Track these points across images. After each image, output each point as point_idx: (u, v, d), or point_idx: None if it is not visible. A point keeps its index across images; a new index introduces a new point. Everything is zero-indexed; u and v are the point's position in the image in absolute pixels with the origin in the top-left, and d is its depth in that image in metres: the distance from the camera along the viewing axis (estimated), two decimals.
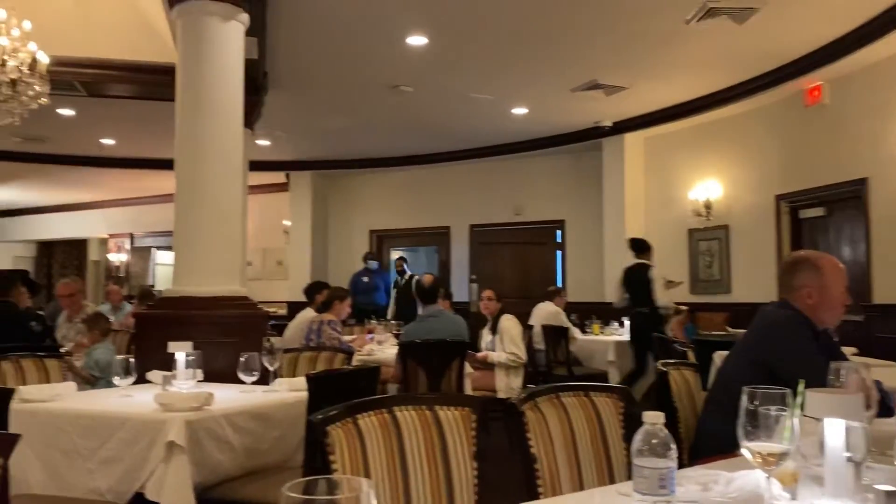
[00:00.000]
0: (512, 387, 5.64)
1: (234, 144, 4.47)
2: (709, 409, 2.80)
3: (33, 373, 3.66)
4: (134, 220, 15.43)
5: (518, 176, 10.86)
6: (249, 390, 3.30)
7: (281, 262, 12.58)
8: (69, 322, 6.00)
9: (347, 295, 5.84)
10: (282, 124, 9.10)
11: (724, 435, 2.11)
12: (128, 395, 3.16)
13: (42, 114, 6.09)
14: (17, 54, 5.18)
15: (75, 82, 6.77)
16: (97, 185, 13.76)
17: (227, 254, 4.39)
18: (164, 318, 4.15)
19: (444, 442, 1.91)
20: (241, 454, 2.93)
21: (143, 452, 2.67)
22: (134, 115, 8.45)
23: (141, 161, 11.24)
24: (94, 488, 2.73)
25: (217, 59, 4.39)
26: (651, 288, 7.20)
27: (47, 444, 2.82)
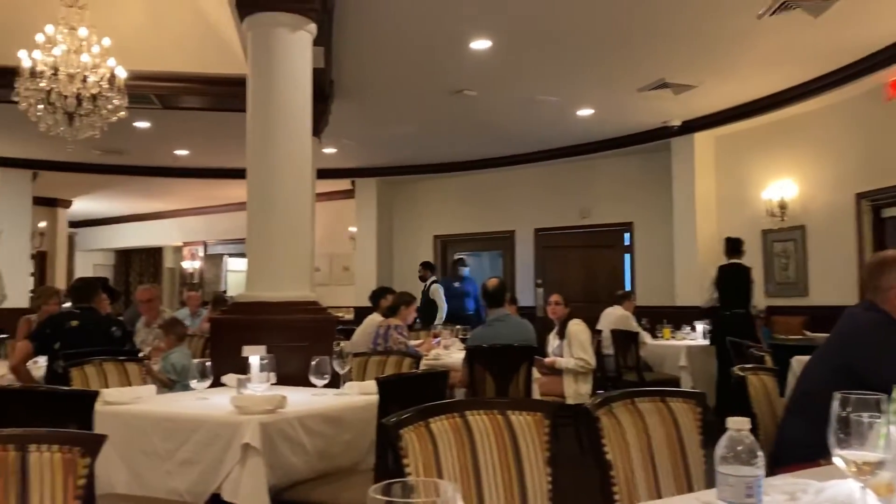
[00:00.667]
0: (580, 393, 5.56)
1: (304, 153, 4.55)
2: (790, 416, 2.70)
3: (115, 376, 3.80)
4: (207, 229, 15.91)
5: (584, 178, 10.73)
6: (321, 393, 3.35)
7: (347, 267, 12.75)
8: (147, 327, 6.20)
9: (413, 300, 5.88)
10: (348, 132, 9.23)
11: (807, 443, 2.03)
12: (204, 397, 3.24)
13: (120, 127, 6.34)
14: (97, 70, 5.41)
15: (151, 95, 7.02)
16: (172, 195, 14.24)
17: (298, 259, 4.47)
18: (238, 322, 4.25)
19: (516, 447, 1.89)
20: (314, 456, 2.97)
21: (220, 454, 2.73)
22: (206, 127, 8.70)
23: (213, 171, 11.56)
24: (172, 489, 2.81)
25: (286, 70, 4.48)
26: (752, 289, 7.03)
27: (129, 446, 2.92)
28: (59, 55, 5.25)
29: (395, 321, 5.61)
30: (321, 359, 3.36)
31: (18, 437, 1.46)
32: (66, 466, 1.48)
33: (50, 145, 8.64)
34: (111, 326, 4.78)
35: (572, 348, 5.57)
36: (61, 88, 5.29)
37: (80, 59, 5.31)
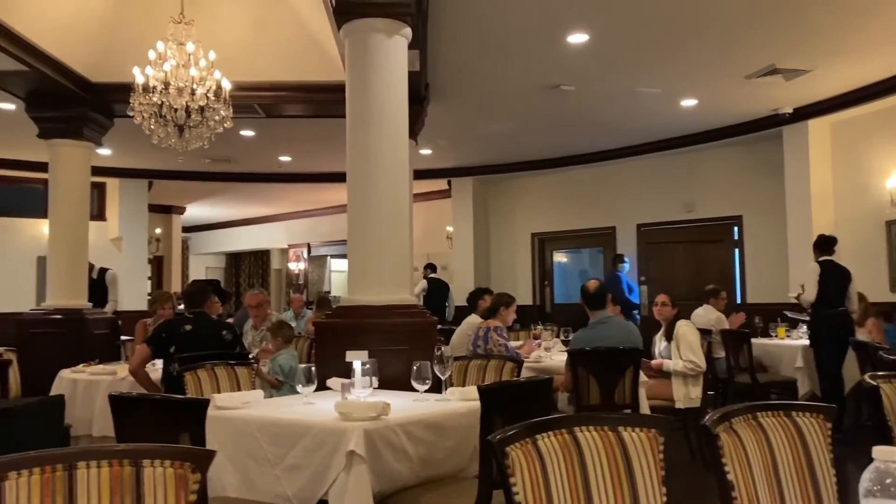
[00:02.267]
0: (691, 396, 5.33)
1: (401, 156, 4.56)
2: None
3: (225, 380, 3.93)
4: (310, 231, 16.37)
5: (688, 171, 10.32)
6: (422, 399, 3.34)
7: (445, 267, 12.80)
8: (255, 330, 6.41)
9: (513, 301, 5.79)
10: (443, 132, 9.25)
11: None
12: (310, 402, 3.28)
13: (227, 136, 6.58)
14: (204, 83, 5.61)
15: (255, 105, 7.25)
16: (277, 200, 14.74)
17: (397, 263, 4.48)
18: (341, 326, 4.30)
19: (629, 465, 1.79)
20: (417, 463, 2.95)
21: (326, 460, 2.75)
22: (308, 133, 8.92)
23: (315, 175, 11.88)
24: (280, 493, 2.85)
25: (382, 75, 4.49)
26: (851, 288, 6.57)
27: (239, 450, 2.99)
28: (169, 70, 5.48)
29: (495, 322, 5.55)
30: (422, 364, 3.35)
31: (132, 452, 1.49)
32: (178, 481, 1.50)
33: (163, 156, 9.09)
34: (222, 330, 4.94)
35: (681, 350, 5.35)
36: (171, 102, 5.51)
37: (188, 72, 5.52)
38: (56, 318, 6.88)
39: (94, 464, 1.45)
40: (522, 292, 11.60)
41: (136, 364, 4.77)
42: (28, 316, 7.09)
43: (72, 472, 1.42)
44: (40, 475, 1.39)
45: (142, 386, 4.74)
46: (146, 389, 4.73)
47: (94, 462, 1.45)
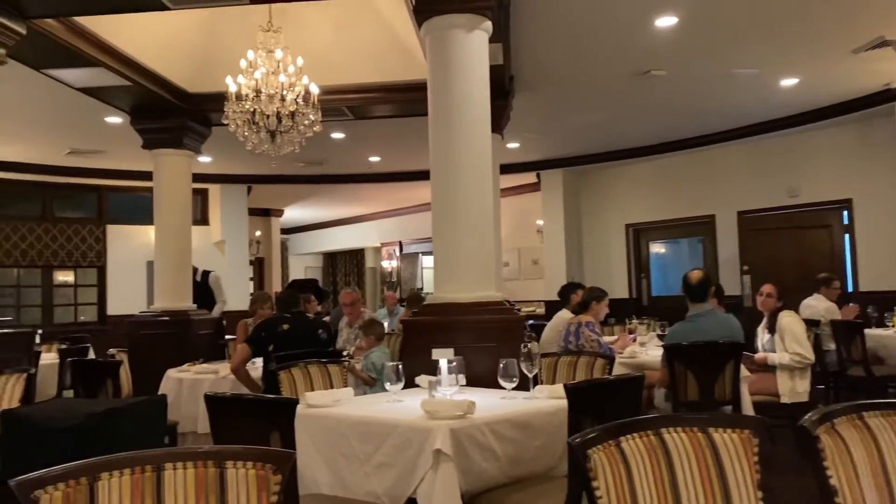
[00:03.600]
0: (798, 391, 5.06)
1: (484, 151, 4.53)
2: None
3: (318, 377, 4.02)
4: (402, 229, 16.59)
5: (791, 153, 9.79)
6: (510, 397, 3.30)
7: (536, 261, 12.68)
8: (349, 327, 6.54)
9: (605, 295, 5.66)
10: (530, 125, 9.14)
11: None
12: (398, 400, 3.31)
13: (318, 139, 6.73)
14: (293, 88, 5.76)
15: (343, 108, 7.39)
16: (369, 199, 15.01)
17: (482, 259, 4.46)
18: (428, 324, 4.32)
19: (721, 469, 1.70)
20: (505, 462, 2.92)
21: (413, 459, 2.76)
22: (395, 132, 9.02)
23: (404, 174, 12.00)
24: (371, 491, 2.89)
25: (463, 70, 4.48)
26: None
27: (330, 447, 3.05)
28: (260, 77, 5.65)
29: (587, 318, 5.44)
30: (509, 361, 3.31)
31: (216, 453, 1.53)
32: (260, 482, 1.53)
33: (259, 161, 9.42)
34: (318, 329, 5.07)
35: (786, 342, 5.08)
36: (263, 108, 5.68)
37: (277, 79, 5.68)
38: (163, 319, 7.25)
39: (180, 465, 1.49)
40: (618, 285, 11.35)
41: (236, 363, 4.95)
42: (138, 318, 7.50)
43: (160, 473, 1.47)
44: (130, 476, 1.45)
45: (242, 384, 4.91)
46: (247, 387, 4.90)
47: (180, 463, 1.49)
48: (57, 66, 6.03)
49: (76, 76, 6.31)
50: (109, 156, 10.38)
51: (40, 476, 1.36)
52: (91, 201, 12.04)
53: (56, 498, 1.37)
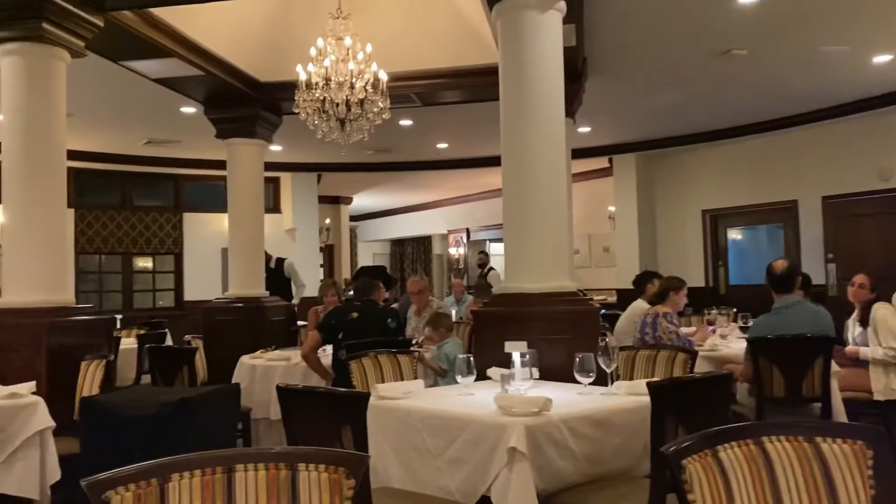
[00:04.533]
0: (892, 387, 4.76)
1: (557, 136, 4.38)
2: None
3: (388, 367, 3.97)
4: (469, 216, 16.51)
5: (882, 135, 9.21)
6: (586, 392, 3.17)
7: (608, 248, 12.40)
8: (418, 316, 6.50)
9: (684, 284, 5.43)
10: (603, 108, 8.88)
11: None
12: (470, 393, 3.23)
13: (386, 127, 6.68)
14: (362, 76, 5.72)
15: (411, 94, 7.32)
16: (436, 186, 14.97)
17: (555, 248, 4.32)
18: (499, 315, 4.21)
19: (830, 483, 1.54)
20: (583, 461, 2.80)
21: (487, 455, 2.68)
22: (464, 119, 8.91)
23: (472, 160, 11.90)
24: (443, 486, 2.82)
25: (536, 52, 4.33)
26: None
27: (402, 441, 2.99)
28: (329, 65, 5.63)
29: (664, 308, 5.23)
30: (585, 355, 3.18)
31: (288, 455, 1.47)
32: (333, 486, 1.46)
33: (329, 149, 9.45)
34: (387, 318, 5.03)
35: (880, 336, 4.77)
36: (332, 96, 5.66)
37: (346, 67, 5.65)
38: (237, 306, 7.37)
39: (251, 466, 1.44)
40: (693, 273, 10.97)
41: (307, 349, 4.98)
42: (213, 304, 7.65)
43: (231, 475, 1.42)
44: (201, 477, 1.40)
45: (313, 370, 4.93)
46: (317, 373, 4.91)
47: (251, 465, 1.44)
48: (133, 57, 6.16)
49: (152, 67, 6.43)
50: (185, 145, 10.63)
51: (111, 477, 1.33)
52: (168, 190, 12.38)
53: (127, 499, 1.33)
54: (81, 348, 4.56)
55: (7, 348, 4.42)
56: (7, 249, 4.81)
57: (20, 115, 4.78)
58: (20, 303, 4.63)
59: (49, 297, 4.71)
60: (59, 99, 4.92)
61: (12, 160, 4.78)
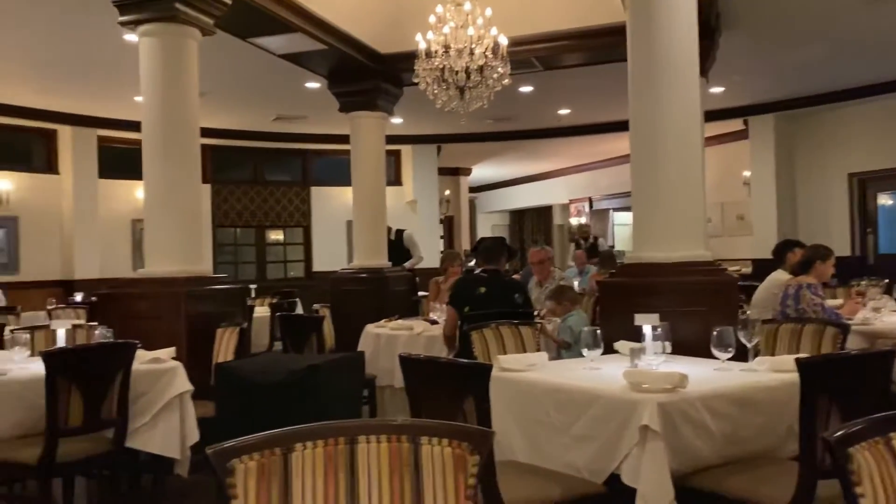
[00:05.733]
0: None
1: (691, 97, 4.10)
2: None
3: (510, 339, 3.89)
4: (591, 185, 16.09)
5: None
6: (724, 368, 2.96)
7: (742, 216, 11.71)
8: (539, 286, 6.37)
9: (831, 254, 4.99)
10: (738, 66, 8.31)
11: None
12: (596, 367, 3.09)
13: (506, 94, 6.54)
14: (482, 42, 5.60)
15: (532, 59, 7.13)
16: (557, 155, 14.66)
17: (689, 216, 4.07)
18: (627, 286, 4.03)
19: None
20: (720, 441, 2.62)
21: (616, 432, 2.55)
22: (587, 83, 8.62)
23: (595, 126, 11.54)
24: (569, 463, 2.72)
25: (669, 7, 4.05)
26: None
27: (525, 414, 2.91)
28: (448, 32, 5.55)
29: (808, 279, 4.83)
30: (724, 329, 2.96)
31: (410, 427, 1.42)
32: (457, 462, 1.40)
33: (449, 120, 9.43)
34: (514, 293, 4.77)
35: None
36: (452, 64, 5.59)
37: (466, 33, 5.55)
38: (361, 276, 7.52)
39: (373, 438, 1.40)
40: (838, 242, 10.11)
41: (450, 328, 4.66)
42: (339, 275, 7.85)
43: (353, 447, 1.38)
44: (324, 447, 1.37)
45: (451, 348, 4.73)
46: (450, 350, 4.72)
47: (373, 437, 1.40)
48: (260, 33, 6.33)
49: (277, 43, 6.60)
50: (311, 121, 10.93)
51: (235, 445, 1.32)
52: (296, 165, 12.83)
53: (251, 468, 1.32)
54: (217, 316, 4.77)
55: (150, 315, 4.69)
56: (148, 223, 5.09)
57: (157, 94, 5.00)
58: (161, 273, 4.90)
59: (187, 268, 4.95)
60: (193, 77, 5.11)
61: (151, 139, 5.03)
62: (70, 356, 3.36)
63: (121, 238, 10.94)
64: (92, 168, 10.62)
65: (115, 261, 10.55)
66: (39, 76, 8.41)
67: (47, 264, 10.27)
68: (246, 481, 1.31)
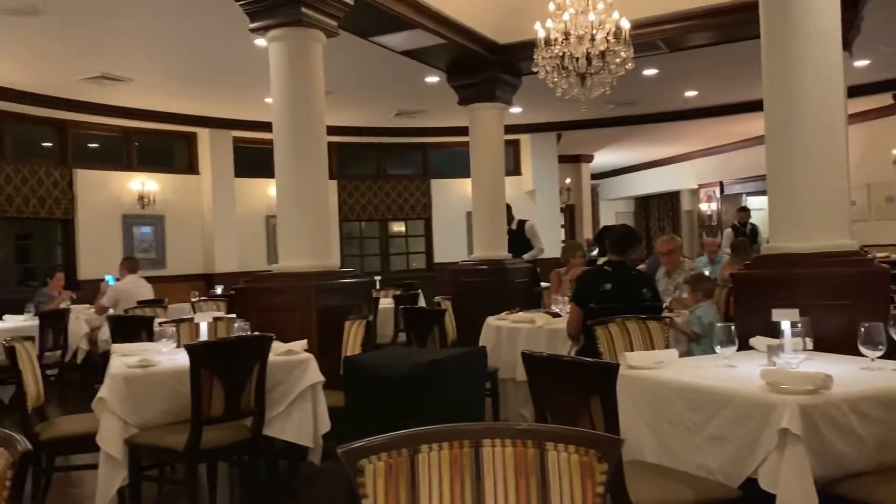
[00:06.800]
0: None
1: (833, 71, 3.80)
2: None
3: (637, 335, 3.77)
4: (722, 168, 15.37)
5: None
6: (874, 368, 2.75)
7: (892, 197, 10.81)
8: (668, 277, 6.14)
9: None
10: (886, 37, 7.65)
11: None
12: (731, 365, 2.94)
13: (629, 78, 6.33)
14: (603, 27, 5.45)
15: (657, 40, 6.87)
16: (684, 138, 14.10)
17: (831, 200, 3.78)
18: (763, 278, 3.80)
19: None
20: (872, 447, 2.44)
21: (752, 435, 2.42)
22: (714, 62, 8.22)
23: (725, 107, 11.02)
24: (702, 465, 2.61)
25: None
26: None
27: (654, 413, 2.82)
28: (568, 19, 5.44)
29: None
30: (873, 325, 2.74)
31: (535, 433, 1.40)
32: (584, 469, 1.36)
33: (569, 107, 9.27)
34: (642, 288, 4.48)
35: None
36: (572, 51, 5.47)
37: (587, 19, 5.42)
38: (482, 268, 7.54)
39: (498, 442, 1.39)
40: None
41: (575, 328, 4.47)
42: (459, 266, 7.91)
43: (478, 450, 1.38)
44: (449, 450, 1.38)
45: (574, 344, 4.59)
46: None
47: (498, 440, 1.39)
48: (381, 32, 6.46)
49: (398, 40, 6.71)
50: (430, 114, 11.06)
51: (364, 445, 1.35)
52: (416, 158, 13.06)
53: (379, 468, 1.35)
54: (345, 308, 4.93)
55: (284, 308, 4.91)
56: (280, 220, 5.33)
57: (286, 96, 5.21)
58: (293, 267, 5.11)
59: (317, 262, 5.14)
60: (318, 78, 5.29)
61: (281, 138, 5.25)
62: (212, 349, 3.58)
63: (256, 233, 11.56)
64: (228, 168, 11.26)
65: (251, 254, 11.18)
66: (180, 84, 9.00)
67: (190, 259, 11.01)
68: (375, 481, 1.34)
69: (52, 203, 9.70)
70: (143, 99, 9.59)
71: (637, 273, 4.82)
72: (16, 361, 3.57)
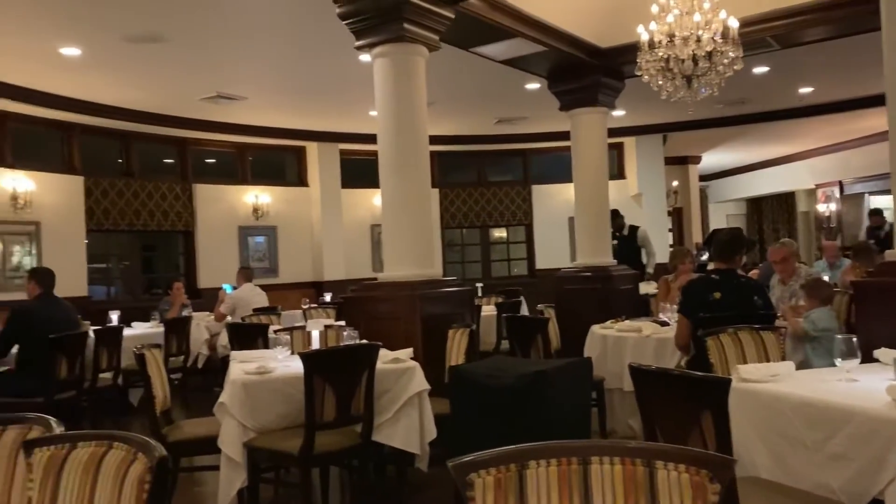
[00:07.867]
0: None
1: None
2: None
3: (751, 346, 3.62)
4: (842, 167, 14.53)
5: None
6: None
7: None
8: (783, 285, 5.87)
9: None
10: None
11: None
12: (853, 378, 2.79)
13: (737, 77, 6.11)
14: (709, 26, 5.29)
15: (767, 38, 6.59)
16: (798, 136, 13.43)
17: None
18: (888, 286, 3.59)
19: None
20: None
21: (879, 454, 2.29)
22: (830, 57, 7.80)
23: (842, 103, 10.43)
24: (822, 484, 2.49)
25: None
26: None
27: (769, 428, 2.71)
28: (672, 21, 5.31)
29: None
30: None
31: (644, 451, 1.39)
32: (695, 490, 1.34)
33: (675, 108, 9.03)
34: (753, 296, 4.29)
35: None
36: (677, 53, 5.34)
37: (692, 19, 5.28)
38: (585, 275, 7.45)
39: (606, 460, 1.39)
40: None
41: (684, 340, 4.32)
42: (562, 273, 7.84)
43: (586, 467, 1.39)
44: (557, 466, 1.39)
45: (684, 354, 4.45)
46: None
47: (606, 458, 1.39)
48: (481, 42, 6.52)
49: (498, 50, 6.74)
50: (531, 121, 11.04)
51: (474, 460, 1.39)
52: (517, 164, 13.07)
53: (489, 483, 1.38)
54: (448, 317, 5.00)
55: (389, 317, 5.03)
56: (385, 229, 5.46)
57: (390, 109, 5.35)
58: (398, 276, 5.23)
59: (421, 271, 5.24)
60: (421, 91, 5.39)
61: (386, 150, 5.39)
62: (324, 357, 3.72)
63: (362, 242, 11.89)
64: (335, 179, 11.65)
65: (357, 262, 11.51)
66: (290, 101, 9.40)
67: (301, 267, 11.45)
68: (485, 495, 1.37)
69: (174, 216, 10.34)
70: (256, 116, 10.07)
71: (747, 280, 4.59)
72: (146, 368, 3.83)
